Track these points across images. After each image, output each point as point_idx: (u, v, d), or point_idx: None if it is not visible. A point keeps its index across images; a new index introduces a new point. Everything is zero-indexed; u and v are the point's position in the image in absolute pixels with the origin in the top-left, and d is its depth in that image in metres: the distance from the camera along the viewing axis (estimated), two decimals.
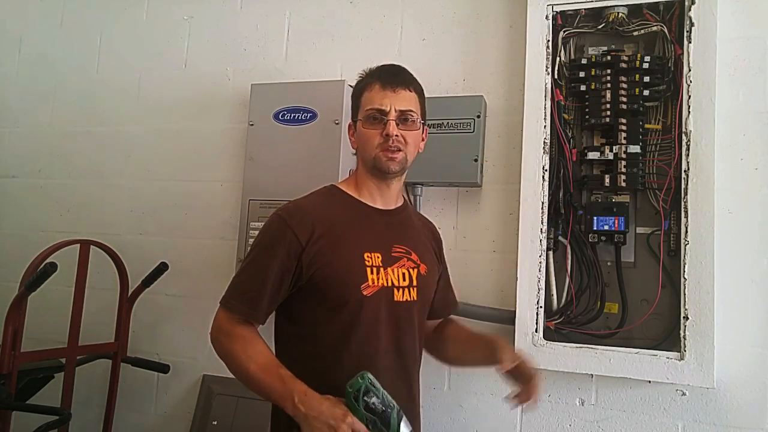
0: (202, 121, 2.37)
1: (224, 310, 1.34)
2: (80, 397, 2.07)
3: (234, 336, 1.31)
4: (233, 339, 1.31)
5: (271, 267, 1.30)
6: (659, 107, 1.79)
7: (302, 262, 1.30)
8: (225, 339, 1.32)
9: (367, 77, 1.41)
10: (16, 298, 1.81)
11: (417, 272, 1.41)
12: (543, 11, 1.84)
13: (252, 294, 1.31)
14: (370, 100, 1.37)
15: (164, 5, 2.49)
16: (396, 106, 1.35)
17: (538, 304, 1.76)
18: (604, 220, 1.76)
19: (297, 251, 1.30)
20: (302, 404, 1.19)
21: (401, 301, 1.37)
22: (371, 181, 1.41)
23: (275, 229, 1.33)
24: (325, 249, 1.31)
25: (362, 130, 1.38)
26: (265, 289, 1.30)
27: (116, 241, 2.22)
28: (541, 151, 1.79)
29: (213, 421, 2.12)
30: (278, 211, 1.37)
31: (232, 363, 1.31)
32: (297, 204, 1.39)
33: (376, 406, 1.17)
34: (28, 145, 2.64)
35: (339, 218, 1.36)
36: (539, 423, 1.84)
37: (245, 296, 1.32)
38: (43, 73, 2.65)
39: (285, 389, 1.22)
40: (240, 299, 1.32)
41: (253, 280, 1.32)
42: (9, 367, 1.79)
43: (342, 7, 2.23)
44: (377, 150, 1.36)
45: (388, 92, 1.36)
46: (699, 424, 1.70)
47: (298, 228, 1.31)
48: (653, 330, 1.73)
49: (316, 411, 1.18)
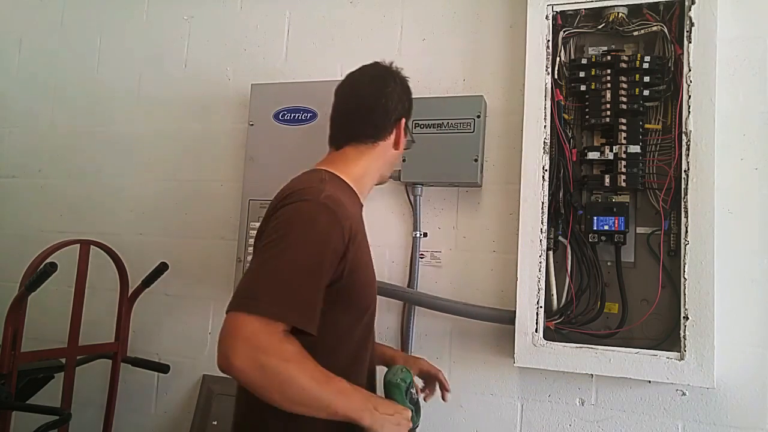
0: (202, 121, 2.37)
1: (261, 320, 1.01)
2: (80, 397, 2.07)
3: (288, 355, 1.02)
4: (289, 359, 1.02)
5: (324, 264, 1.09)
6: (659, 107, 1.79)
7: (345, 264, 1.14)
8: (277, 361, 1.00)
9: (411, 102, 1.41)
10: (16, 298, 1.81)
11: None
12: (543, 11, 1.84)
13: (306, 296, 1.07)
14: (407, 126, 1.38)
15: (164, 5, 2.49)
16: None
17: (538, 304, 1.76)
18: (604, 220, 1.76)
19: (342, 250, 1.13)
20: (378, 408, 1.12)
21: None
22: (370, 185, 1.37)
23: (325, 221, 1.11)
24: (358, 251, 1.19)
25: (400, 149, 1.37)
26: (319, 290, 1.09)
27: (116, 241, 2.22)
28: (541, 151, 1.79)
29: (213, 421, 2.12)
30: (320, 200, 1.13)
31: (292, 389, 1.01)
32: (334, 194, 1.18)
33: (415, 396, 1.20)
34: (28, 145, 2.64)
35: (358, 218, 1.26)
36: (539, 423, 1.84)
37: (298, 299, 1.05)
38: (43, 74, 2.65)
39: (364, 401, 1.11)
40: (290, 304, 1.04)
41: (304, 279, 1.07)
42: (9, 367, 1.79)
43: (342, 7, 2.23)
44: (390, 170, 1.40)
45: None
46: (699, 424, 1.70)
47: (345, 223, 1.14)
48: (653, 330, 1.73)
49: (390, 410, 1.14)
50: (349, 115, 1.33)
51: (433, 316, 1.95)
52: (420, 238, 2.01)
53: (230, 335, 1.00)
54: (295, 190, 1.17)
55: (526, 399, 1.86)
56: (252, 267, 1.09)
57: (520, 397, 1.87)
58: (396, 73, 1.37)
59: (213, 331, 2.24)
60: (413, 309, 1.99)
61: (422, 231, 2.01)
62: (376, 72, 1.36)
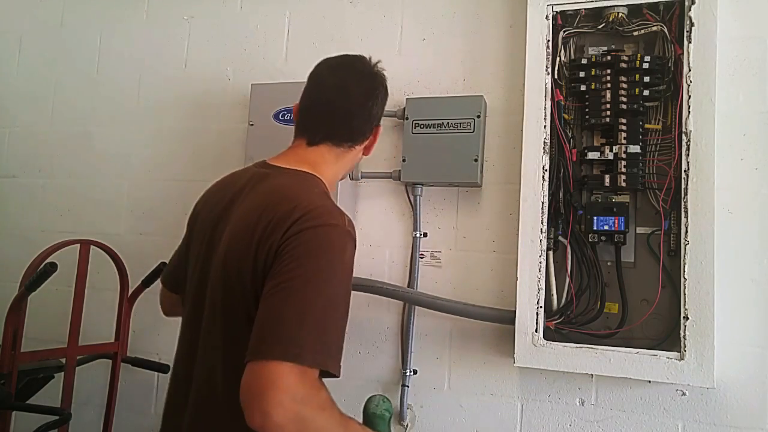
0: (202, 121, 2.37)
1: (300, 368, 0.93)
2: (80, 397, 2.07)
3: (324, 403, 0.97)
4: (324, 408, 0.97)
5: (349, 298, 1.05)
6: (659, 107, 1.78)
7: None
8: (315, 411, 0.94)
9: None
10: (16, 298, 1.81)
11: None
12: (543, 11, 1.84)
13: (339, 341, 1.01)
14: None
15: (164, 5, 2.49)
16: None
17: (538, 304, 1.76)
18: (604, 220, 1.76)
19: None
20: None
21: None
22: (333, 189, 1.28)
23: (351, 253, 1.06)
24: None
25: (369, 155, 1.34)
26: (345, 329, 1.03)
27: (116, 241, 2.22)
28: (541, 151, 1.79)
29: None
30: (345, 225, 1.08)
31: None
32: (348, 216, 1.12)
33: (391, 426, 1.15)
34: (28, 145, 2.64)
35: None
36: (539, 423, 1.84)
37: (334, 346, 0.99)
38: (43, 73, 2.65)
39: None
40: (327, 351, 0.97)
41: (338, 322, 1.01)
42: (9, 367, 1.78)
43: (342, 7, 2.23)
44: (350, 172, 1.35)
45: None
46: (699, 424, 1.70)
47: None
48: (653, 330, 1.73)
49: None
50: (331, 113, 1.24)
51: (433, 316, 1.95)
52: (420, 238, 2.01)
53: (270, 388, 0.90)
54: (312, 208, 1.06)
55: (526, 399, 1.86)
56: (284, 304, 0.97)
57: (520, 397, 1.87)
58: (382, 75, 1.31)
59: None
60: (413, 309, 1.99)
61: (422, 231, 2.01)
62: (365, 70, 1.29)
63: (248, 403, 0.90)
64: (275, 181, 1.17)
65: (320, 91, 1.26)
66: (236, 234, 1.11)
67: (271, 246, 1.03)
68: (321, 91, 1.26)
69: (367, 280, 1.97)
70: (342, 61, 1.29)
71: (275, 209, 1.08)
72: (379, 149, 2.07)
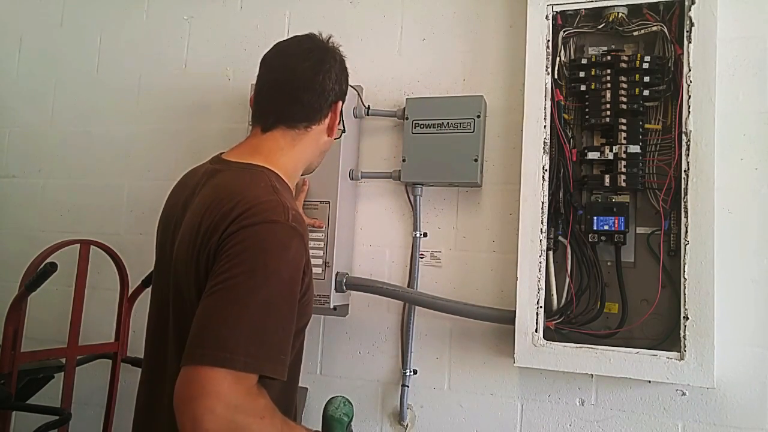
0: (202, 121, 2.37)
1: (235, 374, 0.88)
2: (80, 397, 2.07)
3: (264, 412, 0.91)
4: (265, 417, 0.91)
5: (296, 299, 0.98)
6: (659, 107, 1.79)
7: (303, 286, 1.03)
8: (249, 420, 0.88)
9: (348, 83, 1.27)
10: (16, 298, 1.81)
11: None
12: (543, 11, 1.84)
13: (280, 344, 0.94)
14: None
15: (164, 5, 2.49)
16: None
17: (538, 304, 1.76)
18: (604, 220, 1.76)
19: (302, 275, 1.02)
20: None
21: None
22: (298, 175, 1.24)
23: (296, 250, 0.99)
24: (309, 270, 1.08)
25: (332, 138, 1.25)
26: (291, 330, 0.97)
27: (116, 241, 2.22)
28: (541, 151, 1.79)
29: None
30: (288, 221, 1.00)
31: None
32: (295, 210, 1.04)
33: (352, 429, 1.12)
34: (28, 145, 2.64)
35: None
36: (539, 423, 1.84)
37: (272, 349, 0.93)
38: (43, 73, 2.65)
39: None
40: (264, 355, 0.91)
41: (278, 323, 0.94)
42: (9, 367, 1.78)
43: (342, 7, 2.23)
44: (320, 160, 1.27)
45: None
46: (699, 424, 1.70)
47: (306, 245, 1.03)
48: (653, 330, 1.73)
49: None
50: (279, 92, 1.17)
51: (433, 316, 1.95)
52: (420, 238, 2.01)
53: (201, 394, 0.85)
54: (253, 204, 1.00)
55: (526, 399, 1.86)
56: (215, 307, 0.92)
57: (520, 397, 1.87)
58: (334, 49, 1.23)
59: None
60: (413, 309, 1.99)
61: (422, 231, 2.01)
62: (313, 45, 1.21)
63: (179, 409, 0.85)
64: (221, 179, 1.12)
65: (267, 74, 1.20)
66: (183, 239, 1.07)
67: (210, 249, 0.99)
68: (268, 73, 1.20)
69: (367, 280, 1.97)
70: (289, 42, 1.23)
71: (216, 210, 1.02)
72: (379, 149, 2.09)
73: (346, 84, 1.25)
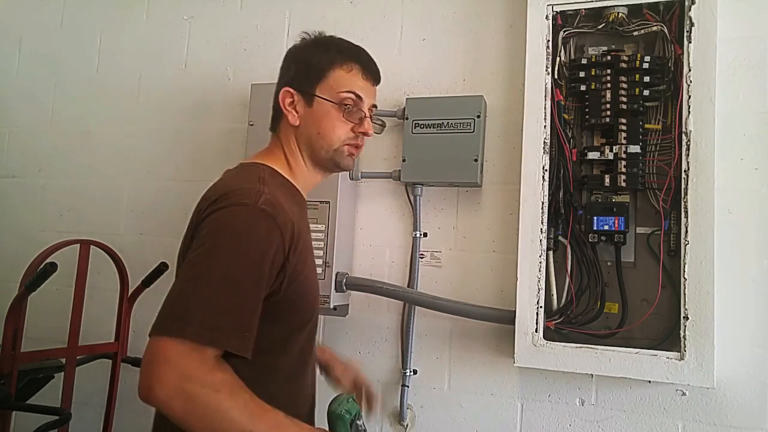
0: (202, 121, 2.37)
1: (191, 344, 0.90)
2: (80, 397, 2.07)
3: (221, 385, 0.91)
4: (220, 390, 0.90)
5: (263, 278, 0.98)
6: (659, 107, 1.79)
7: (285, 275, 1.03)
8: (206, 392, 0.89)
9: (341, 53, 1.18)
10: (16, 298, 1.81)
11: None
12: (543, 11, 1.84)
13: (242, 316, 0.96)
14: (348, 83, 1.16)
15: (164, 5, 2.49)
16: (370, 102, 1.20)
17: (538, 304, 1.76)
18: (604, 220, 1.76)
19: (281, 261, 1.02)
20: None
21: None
22: (311, 170, 1.20)
23: (264, 230, 1.00)
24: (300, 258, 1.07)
25: (330, 115, 1.15)
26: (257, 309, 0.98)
27: (116, 241, 2.22)
28: (541, 151, 1.79)
29: None
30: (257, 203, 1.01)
31: (221, 423, 0.90)
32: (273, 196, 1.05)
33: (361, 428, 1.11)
34: (28, 145, 2.64)
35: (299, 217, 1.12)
36: (539, 423, 1.84)
37: (233, 321, 0.95)
38: (43, 73, 2.65)
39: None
40: (225, 326, 0.93)
41: (240, 297, 0.96)
42: (9, 367, 1.78)
43: (342, 7, 2.23)
44: (341, 143, 1.16)
45: (369, 83, 1.19)
46: (699, 424, 1.70)
47: (285, 231, 1.03)
48: (653, 330, 1.73)
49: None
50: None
51: (433, 316, 1.95)
52: (420, 238, 2.01)
53: (153, 362, 0.89)
54: (229, 191, 1.04)
55: (526, 399, 1.86)
56: (178, 283, 0.96)
57: (520, 397, 1.87)
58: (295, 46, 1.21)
59: None
60: (413, 309, 1.99)
61: (422, 231, 2.01)
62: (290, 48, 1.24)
63: (140, 376, 0.89)
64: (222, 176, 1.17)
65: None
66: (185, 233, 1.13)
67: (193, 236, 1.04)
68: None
69: (367, 280, 1.97)
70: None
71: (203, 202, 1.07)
72: (379, 149, 2.09)
73: (298, 66, 1.20)
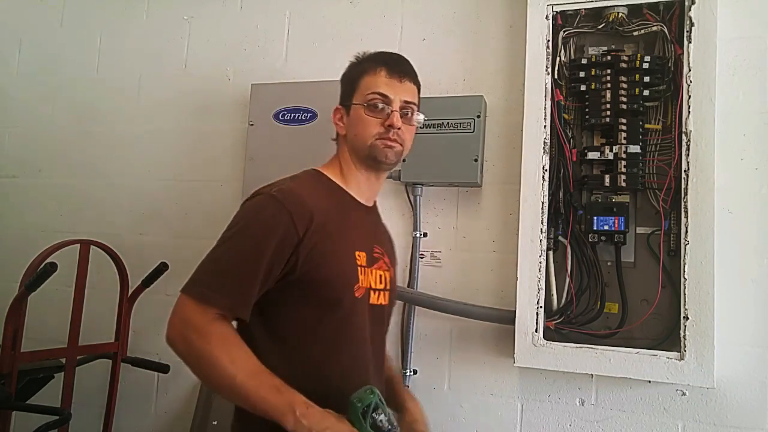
0: (202, 121, 2.37)
1: (196, 301, 1.11)
2: (80, 397, 2.07)
3: (212, 335, 1.09)
4: (211, 339, 1.09)
5: (265, 254, 1.11)
6: (659, 107, 1.79)
7: (298, 255, 1.14)
8: (198, 338, 1.10)
9: (369, 61, 1.31)
10: (16, 298, 1.81)
11: (390, 276, 1.33)
12: (543, 11, 1.84)
13: (239, 284, 1.12)
14: (374, 84, 1.27)
15: (164, 5, 2.49)
16: (400, 97, 1.27)
17: (538, 304, 1.76)
18: (604, 220, 1.76)
19: (293, 242, 1.13)
20: (305, 418, 1.04)
21: (376, 304, 1.26)
22: (361, 172, 1.30)
23: (270, 212, 1.15)
24: (323, 242, 1.17)
25: (361, 116, 1.26)
26: (255, 279, 1.11)
27: (116, 241, 2.22)
28: (541, 151, 1.79)
29: (213, 421, 2.11)
30: (270, 192, 1.17)
31: (210, 369, 1.09)
32: (290, 187, 1.20)
33: (383, 425, 1.09)
34: (28, 145, 2.64)
35: (333, 209, 1.23)
36: (539, 423, 1.84)
37: (230, 286, 1.12)
38: (43, 73, 2.65)
39: (283, 401, 1.06)
40: (222, 290, 1.11)
41: (240, 267, 1.13)
42: (9, 367, 1.79)
43: (342, 7, 2.23)
44: (374, 139, 1.25)
45: (395, 81, 1.27)
46: (699, 424, 1.70)
47: (296, 214, 1.14)
48: (653, 330, 1.73)
49: (320, 426, 1.04)
50: None
51: (433, 316, 1.95)
52: (420, 238, 2.01)
53: (172, 312, 1.14)
54: (258, 189, 1.22)
55: (526, 399, 1.86)
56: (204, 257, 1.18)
57: (520, 397, 1.87)
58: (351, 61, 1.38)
59: None
60: (413, 309, 1.99)
61: (422, 231, 2.01)
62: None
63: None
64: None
65: None
66: None
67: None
68: None
69: None
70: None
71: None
72: None
73: (344, 86, 1.36)
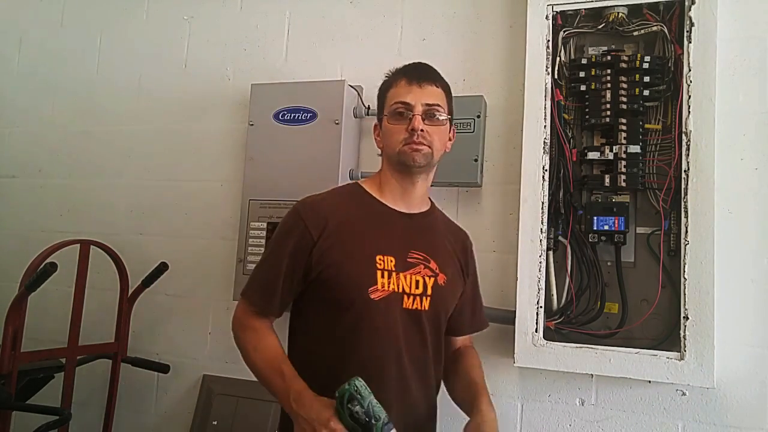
0: (202, 121, 2.37)
1: (243, 301, 1.38)
2: (80, 397, 2.07)
3: (248, 328, 1.35)
4: (247, 331, 1.35)
5: (284, 259, 1.31)
6: (659, 107, 1.78)
7: (312, 257, 1.29)
8: (240, 330, 1.36)
9: (393, 75, 1.40)
10: (16, 298, 1.81)
11: (434, 281, 1.35)
12: (543, 11, 1.84)
13: (267, 286, 1.33)
14: (396, 95, 1.35)
15: (164, 5, 2.49)
16: (422, 101, 1.33)
17: (538, 304, 1.76)
18: (604, 220, 1.76)
19: (308, 245, 1.29)
20: (295, 402, 1.20)
21: (410, 309, 1.31)
22: (395, 179, 1.38)
23: (290, 222, 1.35)
24: (336, 246, 1.30)
25: (387, 126, 1.36)
26: (278, 281, 1.31)
27: (116, 241, 2.22)
28: (541, 151, 1.79)
29: (213, 421, 2.12)
30: (296, 204, 1.38)
31: (244, 355, 1.34)
32: (314, 198, 1.38)
33: (359, 416, 1.12)
34: (28, 145, 2.64)
35: (354, 216, 1.35)
36: (539, 423, 1.84)
37: (260, 289, 1.34)
38: (43, 73, 2.65)
39: (284, 386, 1.24)
40: (256, 292, 1.35)
41: (267, 272, 1.34)
42: (9, 367, 1.79)
43: (342, 7, 2.23)
44: (401, 145, 1.32)
45: (414, 87, 1.34)
46: (699, 424, 1.70)
47: (310, 221, 1.31)
48: (653, 330, 1.73)
49: (305, 410, 1.17)
50: None
51: None
52: None
53: (234, 311, 1.40)
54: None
55: (526, 399, 1.86)
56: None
57: (520, 397, 1.87)
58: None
59: (213, 331, 2.24)
60: None
61: None
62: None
63: None
64: None
65: None
66: None
67: None
68: None
69: None
70: None
71: None
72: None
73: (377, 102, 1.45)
